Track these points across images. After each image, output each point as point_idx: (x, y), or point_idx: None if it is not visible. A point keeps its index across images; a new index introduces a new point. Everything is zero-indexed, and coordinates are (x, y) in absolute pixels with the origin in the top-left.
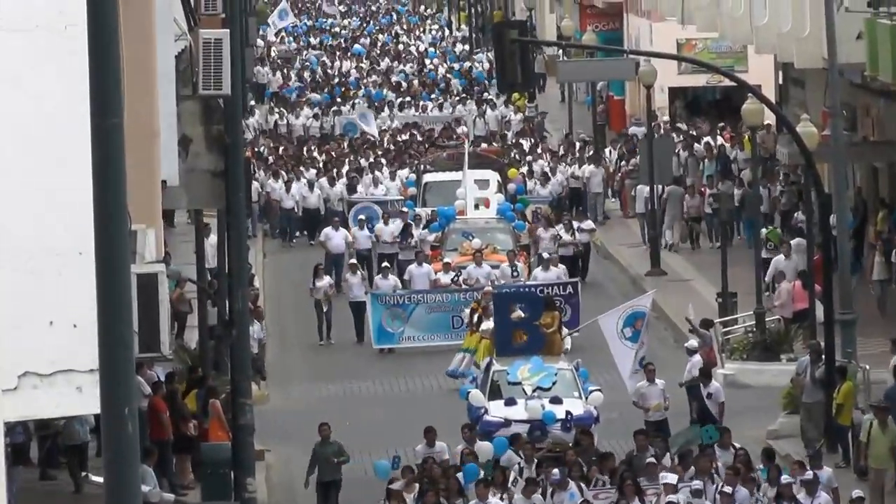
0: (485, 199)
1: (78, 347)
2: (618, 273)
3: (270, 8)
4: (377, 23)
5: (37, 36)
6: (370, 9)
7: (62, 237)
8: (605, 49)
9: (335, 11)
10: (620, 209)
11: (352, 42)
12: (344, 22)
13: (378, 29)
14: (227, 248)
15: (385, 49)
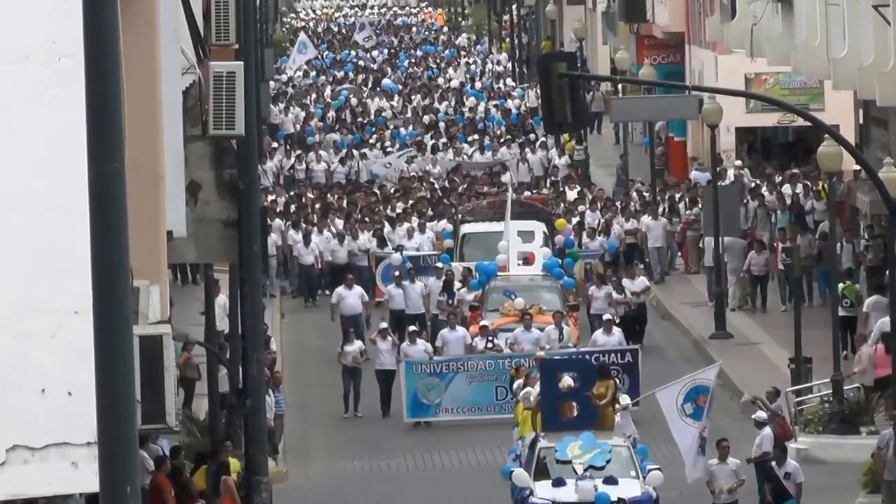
0: (529, 253)
1: (73, 418)
2: (678, 335)
3: (289, 38)
4: (409, 55)
5: (26, 68)
6: (402, 39)
7: (56, 294)
8: (665, 84)
9: (369, 39)
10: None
11: (380, 77)
12: (372, 54)
13: (410, 62)
14: (240, 307)
15: (418, 85)
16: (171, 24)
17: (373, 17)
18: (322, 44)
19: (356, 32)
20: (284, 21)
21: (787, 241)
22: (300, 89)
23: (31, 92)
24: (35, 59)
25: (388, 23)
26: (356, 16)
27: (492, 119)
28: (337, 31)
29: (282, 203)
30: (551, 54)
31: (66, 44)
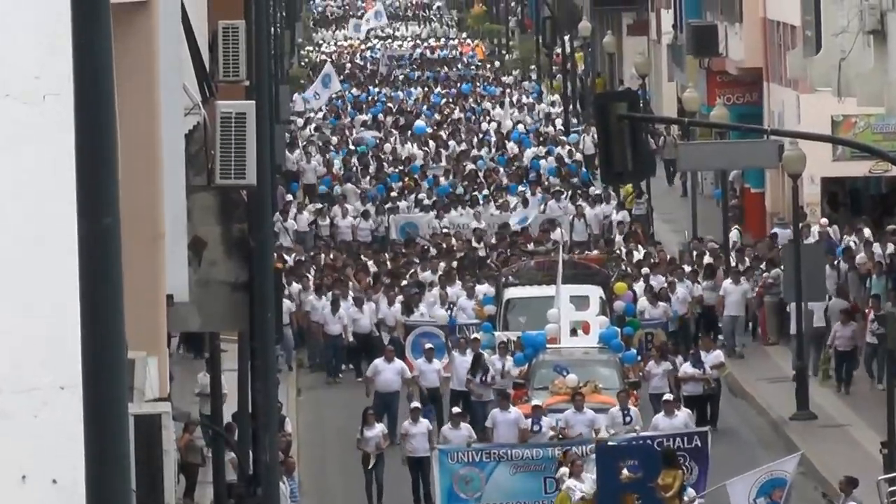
0: (584, 322)
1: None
2: (755, 416)
3: (308, 73)
4: (445, 94)
5: (5, 108)
6: (437, 74)
7: (39, 367)
8: (740, 128)
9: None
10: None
11: (412, 118)
12: (401, 93)
13: (446, 101)
14: (250, 382)
15: (456, 127)
16: (172, 57)
17: (404, 49)
18: (346, 81)
19: (381, 65)
20: (302, 54)
21: (882, 308)
22: (321, 132)
23: (10, 136)
24: (15, 98)
25: (421, 57)
26: (385, 49)
27: (541, 167)
28: (363, 66)
29: (301, 264)
30: (609, 93)
31: (51, 80)
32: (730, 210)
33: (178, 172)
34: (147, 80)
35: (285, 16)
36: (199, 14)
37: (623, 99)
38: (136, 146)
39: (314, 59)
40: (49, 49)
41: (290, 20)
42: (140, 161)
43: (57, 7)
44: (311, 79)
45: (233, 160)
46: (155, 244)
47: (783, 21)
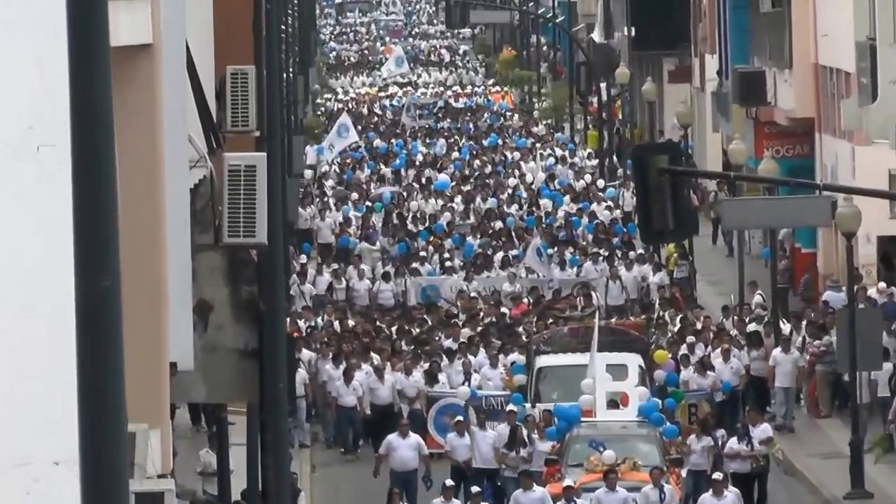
0: (621, 393)
1: None
2: (806, 494)
3: (323, 123)
4: (472, 146)
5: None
6: (463, 124)
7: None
8: (790, 183)
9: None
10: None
11: (437, 172)
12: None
13: (473, 153)
14: (260, 457)
15: (483, 182)
16: (176, 106)
17: (427, 98)
18: (364, 131)
19: (403, 113)
20: (318, 103)
21: None
22: (338, 187)
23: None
24: (6, 149)
25: (445, 105)
26: (407, 97)
27: (576, 225)
28: (382, 115)
29: (316, 330)
30: (649, 145)
31: (46, 130)
32: (779, 272)
33: (183, 230)
34: (150, 129)
35: (298, 61)
36: (206, 58)
37: (664, 151)
38: (137, 201)
39: (330, 108)
40: (43, 96)
41: (303, 65)
42: (142, 218)
43: (52, 50)
44: (326, 129)
45: (242, 217)
46: (157, 308)
47: (837, 67)
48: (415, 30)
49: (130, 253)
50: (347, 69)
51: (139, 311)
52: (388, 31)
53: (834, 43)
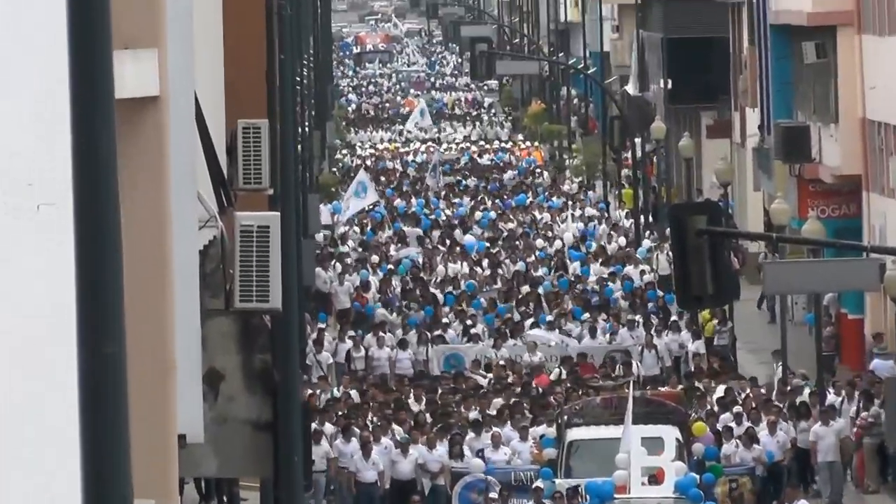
0: (657, 468)
1: None
2: None
3: (340, 180)
4: (498, 206)
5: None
6: (489, 182)
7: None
8: (836, 245)
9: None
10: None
11: (462, 233)
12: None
13: (500, 213)
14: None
15: (511, 244)
16: (185, 162)
17: (451, 154)
18: (384, 190)
19: (428, 173)
20: (335, 159)
21: None
22: (356, 249)
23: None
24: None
25: (471, 162)
26: (429, 152)
27: (608, 291)
28: (403, 172)
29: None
30: (687, 204)
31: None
32: (823, 339)
33: (192, 294)
34: (156, 187)
35: (314, 114)
36: (216, 112)
37: (702, 211)
38: (143, 264)
39: (347, 164)
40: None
41: (319, 119)
42: (148, 281)
43: (53, 101)
44: (343, 186)
45: (254, 280)
46: (165, 377)
47: (885, 122)
48: (438, 82)
49: (136, 318)
50: (366, 123)
51: (145, 379)
52: (410, 83)
53: (882, 96)
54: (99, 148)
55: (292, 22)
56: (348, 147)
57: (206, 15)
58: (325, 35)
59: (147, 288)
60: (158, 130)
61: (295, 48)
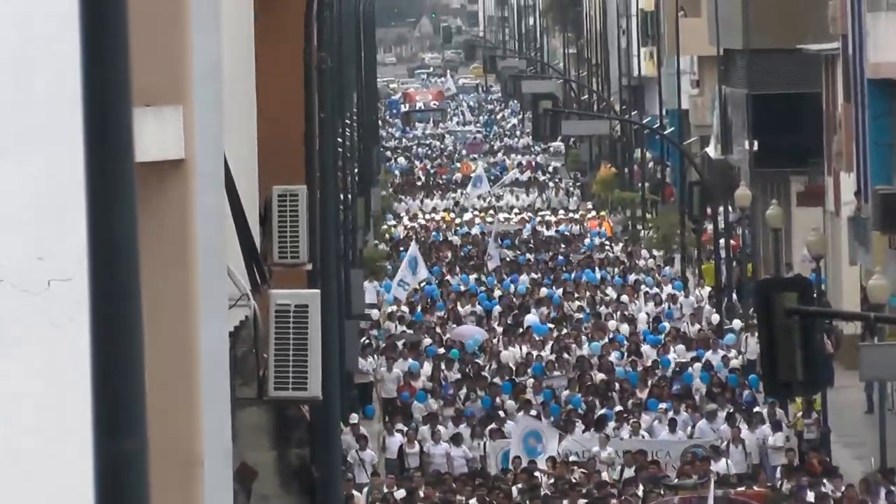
0: None
1: None
2: None
3: (386, 255)
4: (565, 282)
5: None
6: (554, 256)
7: None
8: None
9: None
10: None
11: (523, 313)
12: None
13: (566, 291)
14: None
15: (578, 326)
16: (213, 233)
17: (511, 225)
18: (436, 265)
19: (489, 246)
20: (381, 230)
21: None
22: (405, 332)
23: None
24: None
25: (533, 234)
26: (487, 223)
27: (688, 378)
28: (459, 246)
29: None
30: (775, 280)
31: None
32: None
33: (221, 382)
34: (181, 261)
35: (358, 180)
36: (248, 177)
37: (792, 288)
38: (166, 347)
39: (395, 236)
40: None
41: (364, 185)
42: (172, 366)
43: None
44: (390, 261)
45: (291, 366)
46: (191, 473)
47: None
48: (496, 143)
49: (159, 408)
50: (416, 190)
51: (169, 477)
52: (465, 145)
53: None
54: (117, 217)
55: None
56: (396, 217)
57: (238, 69)
58: (371, 91)
59: (171, 374)
60: (183, 198)
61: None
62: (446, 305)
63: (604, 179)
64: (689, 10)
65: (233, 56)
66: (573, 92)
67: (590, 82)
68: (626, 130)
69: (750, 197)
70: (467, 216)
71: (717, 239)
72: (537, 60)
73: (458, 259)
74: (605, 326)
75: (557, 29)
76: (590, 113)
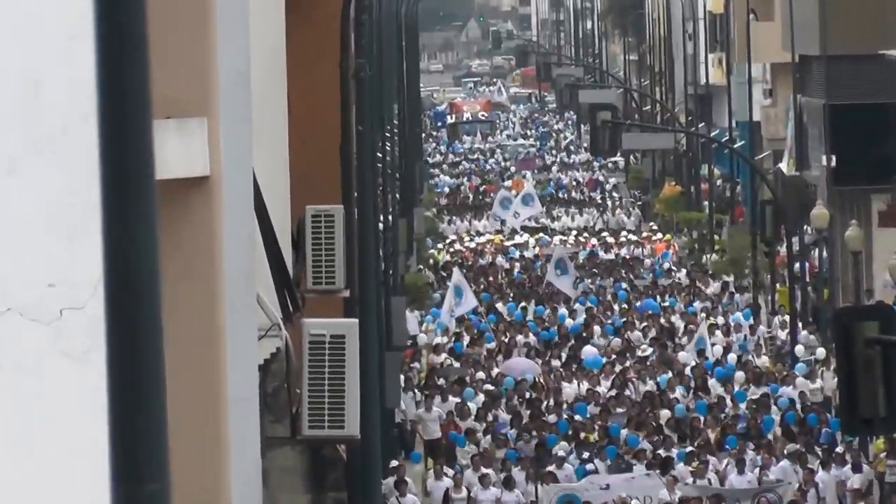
0: None
1: None
2: None
3: (429, 281)
4: (625, 311)
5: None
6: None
7: None
8: None
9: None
10: None
11: (579, 345)
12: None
13: (627, 321)
14: None
15: (640, 359)
16: (242, 258)
17: (566, 247)
18: (484, 293)
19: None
20: (425, 254)
21: None
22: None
23: (14, 367)
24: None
25: (590, 258)
26: (541, 246)
27: (769, 423)
28: (508, 271)
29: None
30: (855, 309)
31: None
32: None
33: (250, 420)
34: (207, 288)
35: (400, 199)
36: (280, 196)
37: (873, 316)
38: (191, 382)
39: (439, 259)
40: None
41: (406, 205)
42: (198, 403)
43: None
44: (434, 288)
45: (326, 402)
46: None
47: None
48: (551, 158)
49: (183, 448)
50: (462, 210)
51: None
52: (516, 161)
53: None
54: (136, 240)
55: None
56: (440, 239)
57: (268, 78)
58: (413, 101)
59: (196, 412)
60: (209, 219)
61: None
62: (496, 336)
63: (668, 198)
64: (761, 13)
65: (262, 63)
66: (634, 102)
67: (652, 92)
68: (692, 144)
69: (827, 217)
70: (518, 238)
71: (791, 263)
72: (595, 68)
73: (511, 285)
74: (671, 359)
75: (617, 33)
76: (652, 125)
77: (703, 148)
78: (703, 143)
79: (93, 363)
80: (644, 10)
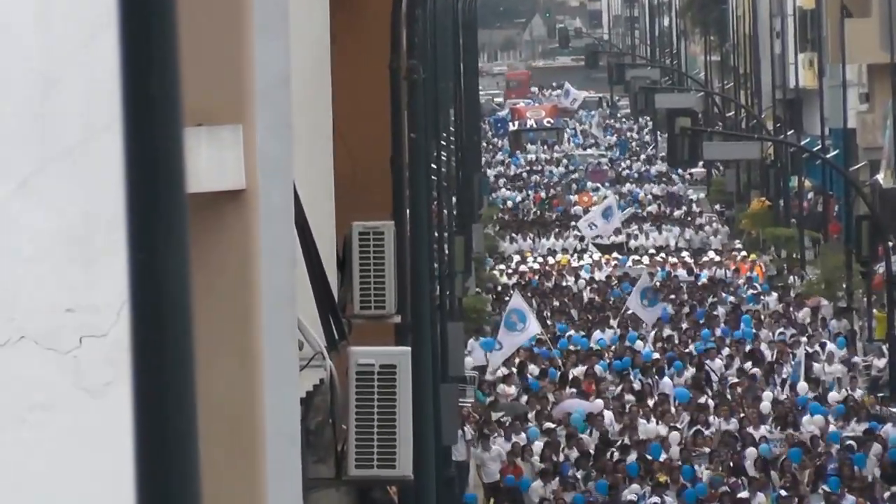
0: None
1: None
2: None
3: (487, 304)
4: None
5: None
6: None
7: None
8: None
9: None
10: None
11: (657, 377)
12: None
13: (707, 350)
14: None
15: (724, 392)
16: (281, 280)
17: (642, 268)
18: (552, 319)
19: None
20: (486, 275)
21: None
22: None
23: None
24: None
25: (669, 279)
26: (613, 266)
27: (859, 460)
28: (577, 294)
29: None
30: None
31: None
32: None
33: (291, 459)
34: (242, 313)
35: (457, 214)
36: (323, 211)
37: None
38: (224, 419)
39: (498, 279)
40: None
41: (463, 220)
42: (232, 441)
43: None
44: (495, 313)
45: (376, 440)
46: None
47: None
48: (624, 170)
49: (217, 490)
50: (526, 227)
51: None
52: (587, 172)
53: None
54: (164, 261)
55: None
56: (502, 259)
57: (311, 80)
58: (472, 107)
59: (231, 450)
60: (245, 236)
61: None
62: (565, 367)
63: (755, 213)
64: (856, 9)
65: (304, 64)
66: (717, 107)
67: (737, 96)
68: (780, 154)
69: None
70: (588, 258)
71: (889, 284)
72: (673, 69)
73: (582, 310)
74: (760, 393)
75: (698, 32)
76: (737, 133)
77: (793, 158)
78: (792, 152)
79: (114, 397)
80: (727, 6)
